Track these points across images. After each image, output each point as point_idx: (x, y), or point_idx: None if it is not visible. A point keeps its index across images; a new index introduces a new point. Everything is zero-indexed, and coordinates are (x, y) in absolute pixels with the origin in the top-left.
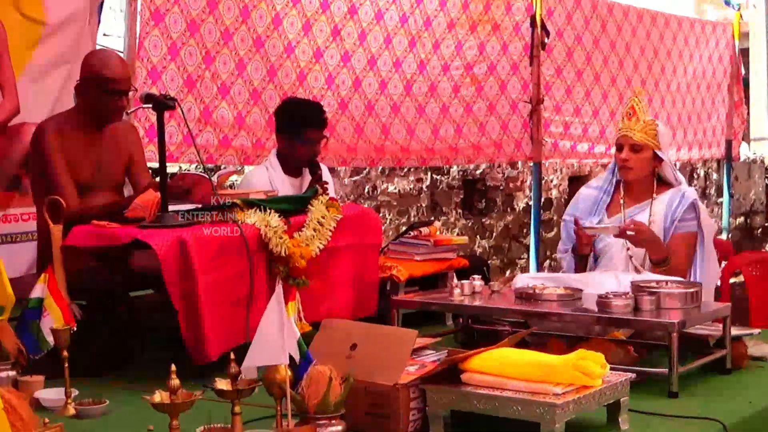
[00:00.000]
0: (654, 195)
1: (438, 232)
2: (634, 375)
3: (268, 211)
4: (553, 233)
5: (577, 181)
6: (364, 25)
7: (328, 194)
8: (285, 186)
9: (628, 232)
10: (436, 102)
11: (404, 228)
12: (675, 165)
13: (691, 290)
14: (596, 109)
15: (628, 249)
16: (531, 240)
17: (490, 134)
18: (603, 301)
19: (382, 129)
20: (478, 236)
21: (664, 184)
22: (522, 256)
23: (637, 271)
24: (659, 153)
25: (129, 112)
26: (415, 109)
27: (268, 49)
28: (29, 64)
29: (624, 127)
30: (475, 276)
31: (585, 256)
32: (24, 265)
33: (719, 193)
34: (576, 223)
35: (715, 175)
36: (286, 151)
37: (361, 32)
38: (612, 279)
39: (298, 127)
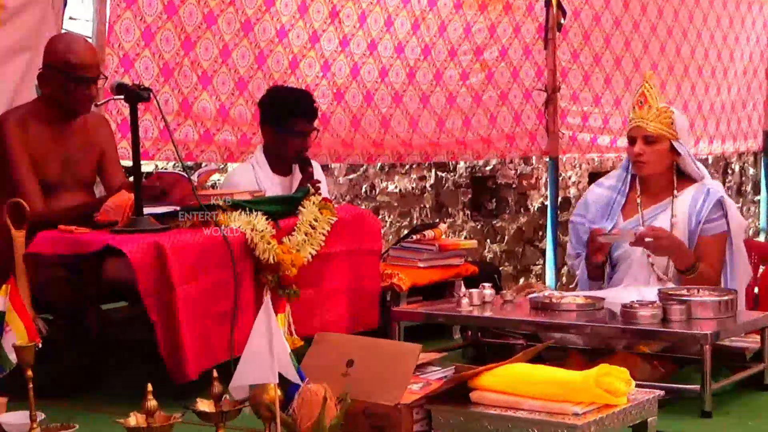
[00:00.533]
0: (675, 192)
1: (444, 236)
2: (662, 392)
3: (255, 213)
4: None
5: (597, 177)
6: (364, 6)
7: (320, 194)
8: (273, 185)
9: (646, 239)
10: (441, 91)
11: (406, 231)
12: (707, 159)
13: (726, 298)
14: (618, 97)
15: (649, 256)
16: (547, 244)
17: (501, 126)
18: (628, 311)
19: (381, 121)
20: (488, 240)
21: (686, 178)
22: (537, 262)
23: (660, 281)
24: (676, 144)
25: (98, 103)
26: (419, 98)
27: (258, 33)
28: None
29: (635, 117)
30: (485, 284)
31: (599, 265)
32: None
33: (756, 190)
34: (591, 231)
35: (751, 170)
36: (272, 145)
37: (361, 13)
38: (635, 294)
39: (286, 117)
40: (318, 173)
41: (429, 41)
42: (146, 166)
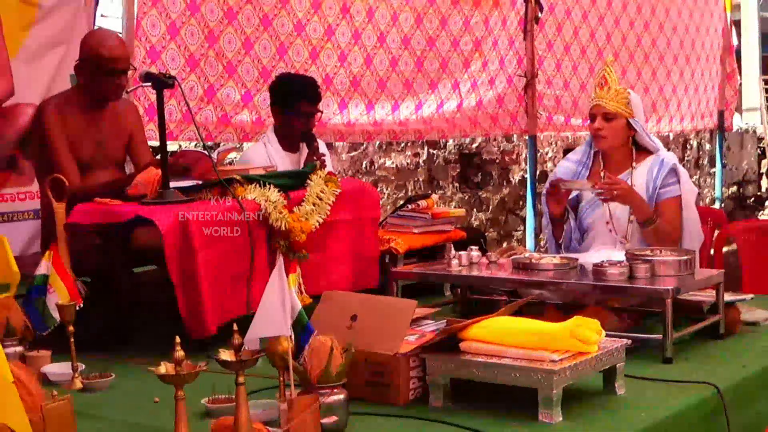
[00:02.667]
0: (633, 164)
1: (435, 206)
2: (629, 341)
3: (268, 186)
4: None
5: None
6: (371, 2)
7: (326, 167)
8: (283, 161)
9: (604, 183)
10: (448, 77)
11: (402, 202)
12: (668, 136)
13: (685, 258)
14: (583, 83)
15: (608, 223)
16: (527, 212)
17: (486, 108)
18: (598, 270)
19: (393, 105)
20: (474, 209)
21: (643, 151)
22: (518, 228)
23: (621, 244)
24: (632, 121)
25: (128, 90)
26: (428, 84)
27: (277, 27)
28: (23, 45)
29: (596, 97)
30: (473, 247)
31: (560, 222)
32: (21, 244)
33: (712, 163)
34: (554, 183)
35: (708, 146)
36: (281, 125)
37: (369, 9)
38: (605, 256)
39: (292, 100)
40: (322, 149)
41: (432, 34)
42: (171, 146)
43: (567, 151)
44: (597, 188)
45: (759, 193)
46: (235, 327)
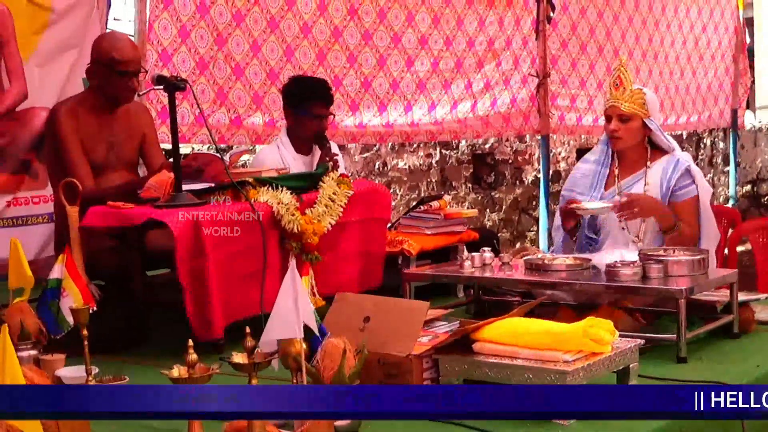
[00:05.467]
0: (648, 164)
1: (448, 206)
2: (642, 341)
3: (280, 188)
4: None
5: (584, 152)
6: (381, 3)
7: (338, 168)
8: (296, 163)
9: (623, 203)
10: (462, 78)
11: (415, 203)
12: (682, 135)
13: (698, 257)
14: (600, 81)
15: (620, 221)
16: (540, 212)
17: (499, 108)
18: (612, 270)
19: (405, 107)
20: (487, 210)
21: (658, 150)
22: (531, 229)
23: (634, 243)
24: (647, 121)
25: (141, 93)
26: (441, 85)
27: (284, 29)
28: (36, 49)
29: (612, 98)
30: (485, 248)
31: (573, 231)
32: (35, 248)
33: (726, 162)
34: (569, 202)
35: (721, 144)
36: (294, 127)
37: (380, 10)
38: (617, 256)
39: (305, 102)
40: (335, 151)
41: (450, 34)
42: (183, 148)
43: (580, 150)
44: (617, 211)
45: None
46: (247, 329)
